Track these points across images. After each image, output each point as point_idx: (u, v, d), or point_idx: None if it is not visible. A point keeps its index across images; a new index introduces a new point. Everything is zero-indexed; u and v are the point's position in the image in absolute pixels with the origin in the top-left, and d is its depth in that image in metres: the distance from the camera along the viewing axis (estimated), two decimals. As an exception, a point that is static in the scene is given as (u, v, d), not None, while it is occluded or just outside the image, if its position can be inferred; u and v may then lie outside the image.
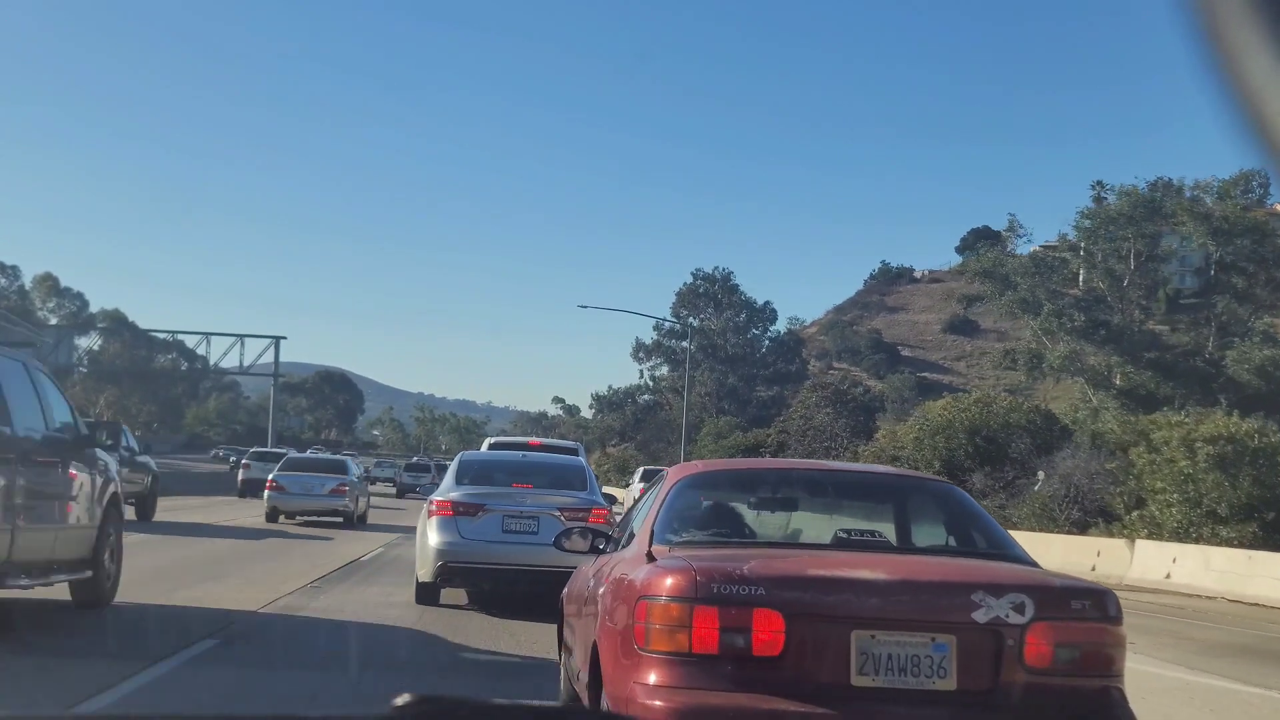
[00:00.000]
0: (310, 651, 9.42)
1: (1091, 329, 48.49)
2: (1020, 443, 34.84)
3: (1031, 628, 4.46)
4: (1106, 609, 4.63)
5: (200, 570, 14.62)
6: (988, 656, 4.47)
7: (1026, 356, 50.83)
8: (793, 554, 5.27)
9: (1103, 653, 4.58)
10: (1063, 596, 4.64)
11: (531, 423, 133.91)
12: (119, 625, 10.05)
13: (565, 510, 12.06)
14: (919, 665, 4.47)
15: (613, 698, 4.75)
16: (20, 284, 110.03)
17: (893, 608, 4.51)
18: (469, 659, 9.21)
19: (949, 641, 4.47)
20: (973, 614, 4.45)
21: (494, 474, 13.28)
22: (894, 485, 6.61)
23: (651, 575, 4.70)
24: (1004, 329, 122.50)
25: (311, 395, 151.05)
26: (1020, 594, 4.50)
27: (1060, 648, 4.50)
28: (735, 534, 5.63)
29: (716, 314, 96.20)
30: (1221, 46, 1.09)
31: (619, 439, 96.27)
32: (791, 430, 54.55)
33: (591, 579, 6.10)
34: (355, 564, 17.17)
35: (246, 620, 10.53)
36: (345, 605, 11.93)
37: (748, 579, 4.48)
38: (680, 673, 4.47)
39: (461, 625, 11.00)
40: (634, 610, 4.66)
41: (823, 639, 4.46)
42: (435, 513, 12.18)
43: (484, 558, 11.83)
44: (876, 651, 4.45)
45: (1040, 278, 49.11)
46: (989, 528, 5.64)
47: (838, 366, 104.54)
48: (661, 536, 5.27)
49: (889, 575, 4.68)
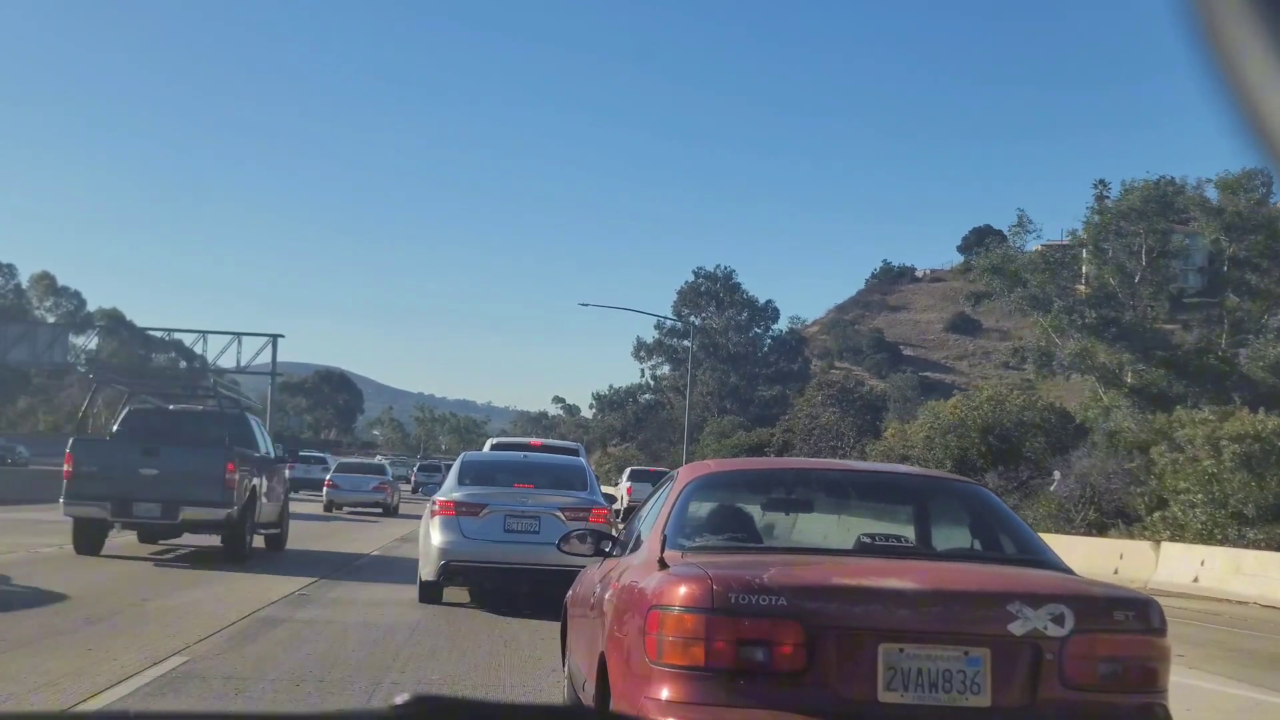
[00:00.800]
0: (408, 569, 14.22)
1: (1102, 326, 47.52)
2: (1034, 442, 33.92)
3: (1072, 640, 4.17)
4: (1150, 620, 4.33)
5: (318, 538, 22.38)
6: (1025, 671, 4.18)
7: (1036, 354, 49.82)
8: (815, 561, 4.94)
9: (1147, 667, 4.29)
10: (1105, 607, 4.36)
11: (531, 422, 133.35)
12: (295, 558, 17.64)
13: (566, 510, 12.22)
14: (951, 681, 4.17)
15: (620, 709, 4.50)
16: (16, 282, 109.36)
17: (923, 619, 4.22)
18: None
19: (983, 655, 4.17)
20: (1009, 625, 4.16)
21: (496, 474, 13.48)
22: (918, 486, 6.26)
23: (664, 584, 4.41)
24: (1006, 328, 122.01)
25: (311, 395, 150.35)
26: (1059, 604, 4.20)
27: (1102, 662, 4.22)
28: (753, 539, 5.36)
29: (718, 313, 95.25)
30: (1220, 46, 1.08)
31: (620, 439, 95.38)
32: (797, 429, 53.59)
33: (598, 584, 5.78)
34: (403, 538, 23.00)
35: (368, 556, 19.25)
36: (412, 552, 15.64)
37: (768, 588, 4.21)
38: (695, 688, 4.18)
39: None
40: (645, 621, 4.39)
41: (848, 652, 4.17)
42: (438, 512, 12.37)
43: (486, 557, 12.02)
44: (905, 666, 4.16)
45: (1050, 274, 48.11)
46: (1020, 531, 5.33)
47: (839, 366, 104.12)
48: (674, 541, 4.97)
49: (918, 584, 4.39)
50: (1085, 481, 29.97)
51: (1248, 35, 1.07)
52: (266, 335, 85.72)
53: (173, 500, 15.39)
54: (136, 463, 15.62)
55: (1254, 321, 49.06)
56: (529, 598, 11.92)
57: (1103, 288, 49.10)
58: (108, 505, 15.39)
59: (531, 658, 9.24)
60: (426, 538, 12.42)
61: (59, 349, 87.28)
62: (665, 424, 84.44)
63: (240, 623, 10.34)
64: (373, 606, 12.10)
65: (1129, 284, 48.36)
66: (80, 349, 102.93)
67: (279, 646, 9.19)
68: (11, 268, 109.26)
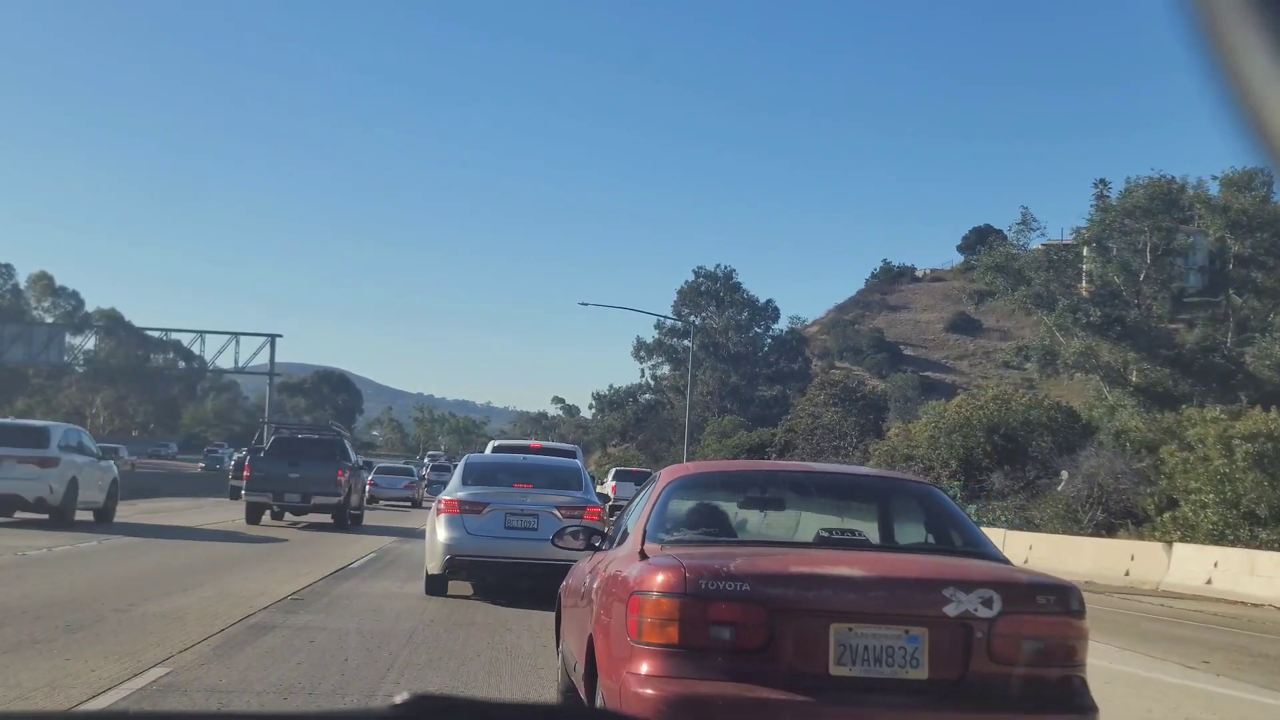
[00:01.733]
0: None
1: (1106, 325, 47.06)
2: (1041, 441, 33.42)
3: (999, 621, 4.69)
4: (1070, 603, 4.85)
5: (376, 519, 30.71)
6: (958, 648, 4.70)
7: (1039, 353, 49.29)
8: (776, 552, 5.44)
9: (1067, 645, 4.82)
10: (1029, 592, 4.88)
11: (531, 423, 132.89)
12: (371, 530, 26.10)
13: (562, 508, 12.86)
14: (893, 656, 4.69)
15: (607, 688, 5.03)
16: (14, 283, 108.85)
17: (869, 602, 4.75)
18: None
19: (921, 634, 4.71)
20: (944, 608, 4.68)
21: (497, 475, 14.21)
22: (875, 486, 6.84)
23: (644, 572, 4.95)
24: (1007, 328, 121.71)
25: (310, 395, 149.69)
26: (989, 589, 4.72)
27: (1026, 640, 4.72)
28: (723, 533, 5.88)
29: (718, 312, 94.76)
30: (1220, 46, 1.10)
31: (620, 439, 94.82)
32: (799, 429, 53.05)
33: (588, 575, 6.29)
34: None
35: (410, 531, 24.98)
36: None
37: (734, 576, 4.74)
38: (670, 663, 4.72)
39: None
40: (627, 605, 4.90)
41: (803, 631, 4.69)
42: (443, 510, 13.19)
43: (488, 552, 12.78)
44: (854, 643, 4.69)
45: (1054, 272, 47.59)
46: (964, 526, 5.86)
47: (839, 365, 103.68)
48: (654, 535, 5.52)
49: (866, 572, 4.95)
50: (1093, 481, 29.50)
51: (1249, 36, 1.06)
52: (265, 335, 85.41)
53: (307, 492, 25.01)
54: (285, 470, 25.06)
55: (1260, 320, 48.59)
56: (529, 590, 12.47)
57: (1106, 286, 48.60)
58: (269, 494, 25.20)
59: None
60: (433, 534, 13.16)
61: (55, 349, 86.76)
62: (666, 424, 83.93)
63: (321, 582, 14.23)
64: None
65: (1133, 282, 47.89)
66: (78, 349, 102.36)
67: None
68: (9, 268, 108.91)
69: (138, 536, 19.45)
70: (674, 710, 4.64)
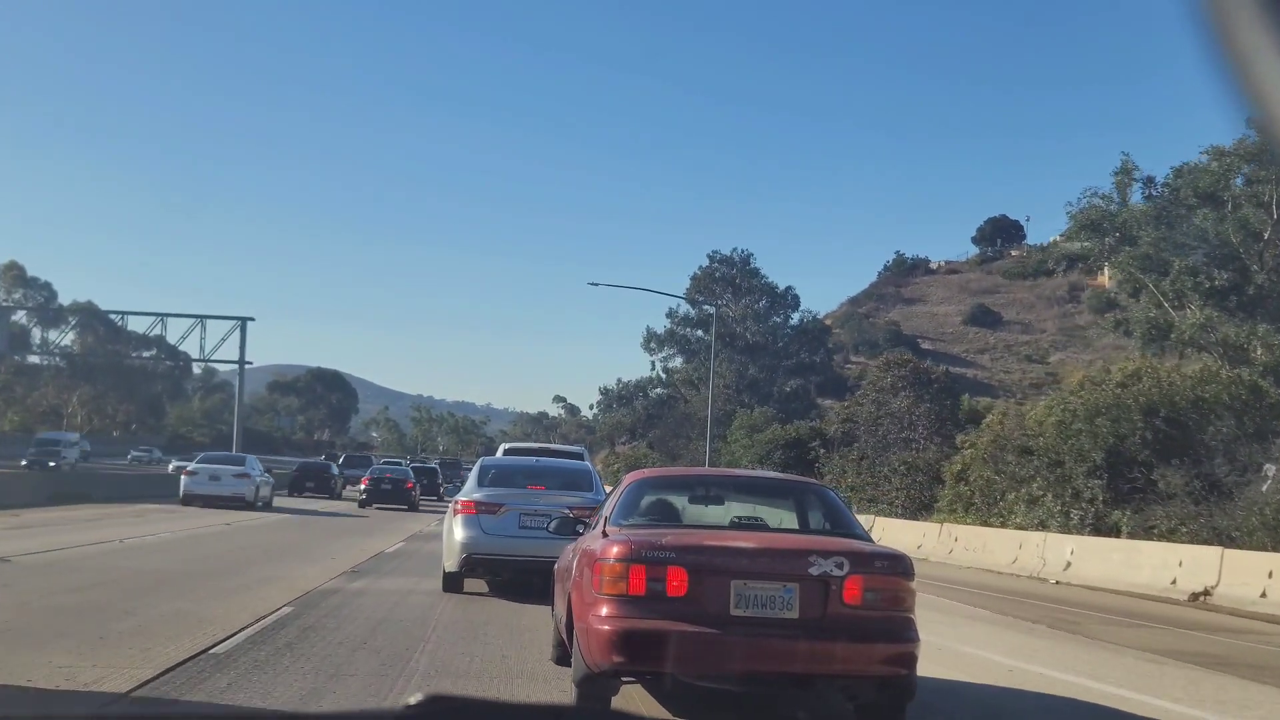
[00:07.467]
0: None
1: (1223, 293, 38.21)
2: (1223, 426, 24.37)
3: (849, 578, 6.83)
4: (899, 566, 7.03)
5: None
6: (819, 597, 6.84)
7: (1144, 326, 40.29)
8: (699, 532, 7.65)
9: (897, 595, 6.94)
10: (870, 559, 7.02)
11: (532, 423, 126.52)
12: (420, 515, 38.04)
13: (574, 509, 12.94)
14: (775, 602, 6.82)
15: (579, 627, 7.17)
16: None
17: (758, 565, 6.93)
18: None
19: (795, 587, 6.86)
20: (809, 569, 6.84)
21: (512, 477, 14.79)
22: (785, 487, 9.58)
23: (604, 545, 7.17)
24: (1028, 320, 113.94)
25: (303, 394, 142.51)
26: (841, 557, 6.89)
27: (867, 591, 6.85)
28: (664, 519, 8.16)
29: (735, 300, 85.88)
30: (1232, 47, 1.10)
31: (630, 436, 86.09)
32: (861, 418, 43.96)
33: (570, 552, 8.79)
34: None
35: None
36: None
37: (665, 547, 6.96)
38: (621, 607, 6.86)
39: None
40: (592, 568, 7.12)
41: (713, 585, 6.83)
42: (460, 511, 13.98)
43: (503, 551, 13.58)
44: (747, 594, 6.82)
45: (1167, 228, 38.58)
46: (840, 515, 8.13)
47: (855, 360, 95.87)
48: (615, 521, 7.86)
49: (756, 545, 7.18)
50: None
51: (1261, 37, 1.07)
52: (235, 319, 76.20)
53: (397, 495, 41.46)
54: (382, 481, 42.75)
55: None
56: (541, 588, 13.12)
57: (1223, 246, 39.54)
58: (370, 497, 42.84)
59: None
60: (450, 533, 14.04)
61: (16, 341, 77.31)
62: (682, 419, 75.38)
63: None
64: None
65: (1255, 242, 38.83)
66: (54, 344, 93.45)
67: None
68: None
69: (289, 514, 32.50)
70: (624, 638, 6.79)
